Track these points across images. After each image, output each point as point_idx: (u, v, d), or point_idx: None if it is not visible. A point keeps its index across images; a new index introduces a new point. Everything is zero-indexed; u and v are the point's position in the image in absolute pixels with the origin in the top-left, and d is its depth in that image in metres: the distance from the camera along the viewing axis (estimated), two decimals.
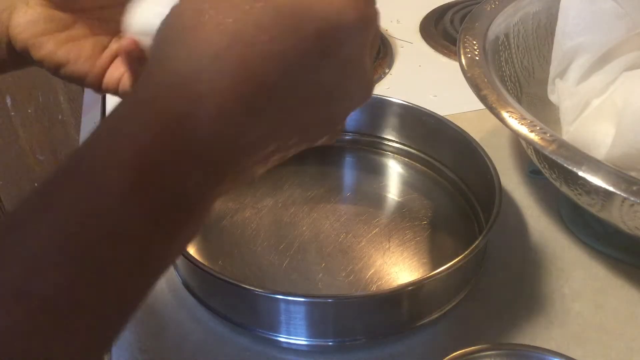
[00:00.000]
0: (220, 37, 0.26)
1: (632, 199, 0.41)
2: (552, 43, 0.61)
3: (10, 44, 0.41)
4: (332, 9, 0.27)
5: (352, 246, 0.54)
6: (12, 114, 1.33)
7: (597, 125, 0.53)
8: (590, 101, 0.56)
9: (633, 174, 0.43)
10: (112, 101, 0.76)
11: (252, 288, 0.45)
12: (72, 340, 0.24)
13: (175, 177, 0.25)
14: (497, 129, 0.68)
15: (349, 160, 0.66)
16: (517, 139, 0.66)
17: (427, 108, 0.62)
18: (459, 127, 0.59)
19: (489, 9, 0.62)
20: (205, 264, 0.47)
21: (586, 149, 0.48)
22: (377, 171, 0.63)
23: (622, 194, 0.41)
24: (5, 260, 0.23)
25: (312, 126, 0.30)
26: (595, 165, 0.43)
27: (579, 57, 0.58)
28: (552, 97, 0.61)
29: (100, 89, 0.41)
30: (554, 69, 0.60)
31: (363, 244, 0.55)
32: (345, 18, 0.27)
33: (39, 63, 0.41)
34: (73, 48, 0.41)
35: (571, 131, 0.56)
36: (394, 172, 0.63)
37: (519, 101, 0.55)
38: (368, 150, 0.65)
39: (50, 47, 0.40)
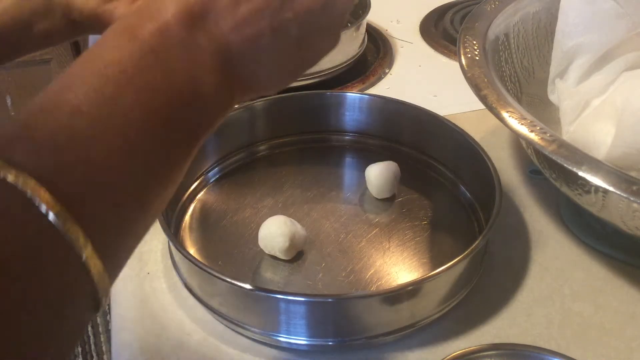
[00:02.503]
0: None
1: (632, 199, 0.41)
2: (552, 43, 0.61)
3: (66, 15, 0.41)
4: None
5: (352, 246, 0.54)
6: (12, 114, 1.34)
7: (597, 125, 0.53)
8: (590, 101, 0.56)
9: (633, 174, 0.43)
10: None
11: (252, 288, 0.45)
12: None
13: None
14: (497, 129, 0.68)
15: (349, 160, 0.66)
16: (517, 139, 0.66)
17: (427, 108, 0.62)
18: (459, 127, 0.59)
19: (489, 9, 0.63)
20: (205, 264, 0.47)
21: (586, 149, 0.48)
22: None
23: (622, 194, 0.41)
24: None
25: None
26: (595, 165, 0.43)
27: (579, 57, 0.58)
28: (552, 97, 0.61)
29: None
30: (554, 69, 0.60)
31: (363, 244, 0.55)
32: None
33: None
34: None
35: (571, 131, 0.56)
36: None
37: (519, 101, 0.55)
38: (368, 150, 0.65)
39: (122, 12, 0.40)
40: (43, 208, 0.22)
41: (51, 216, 0.22)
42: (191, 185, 0.60)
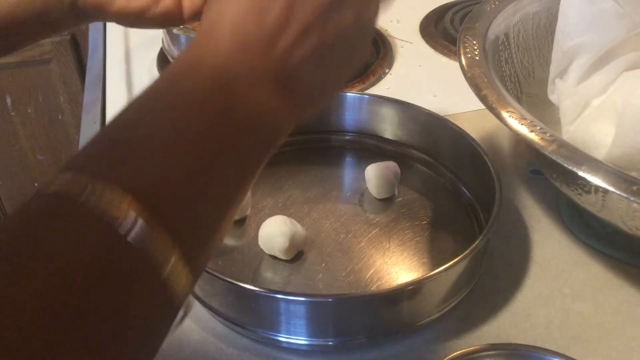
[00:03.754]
0: None
1: (632, 198, 0.41)
2: (552, 43, 0.61)
3: (73, 4, 0.43)
4: None
5: (352, 246, 0.54)
6: (12, 114, 1.33)
7: (597, 125, 0.53)
8: (590, 101, 0.56)
9: (633, 174, 0.43)
10: (112, 101, 0.76)
11: (252, 288, 0.45)
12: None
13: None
14: (497, 129, 0.68)
15: (349, 160, 0.66)
16: (517, 139, 0.66)
17: (427, 108, 0.62)
18: (459, 127, 0.59)
19: (489, 9, 0.63)
20: None
21: (586, 149, 0.48)
22: None
23: (622, 194, 0.41)
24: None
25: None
26: (595, 165, 0.43)
27: (579, 57, 0.58)
28: (552, 97, 0.61)
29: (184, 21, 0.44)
30: (554, 69, 0.60)
31: (363, 244, 0.55)
32: None
33: (113, 18, 0.44)
34: None
35: (571, 131, 0.56)
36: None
37: (519, 101, 0.55)
38: (368, 150, 0.65)
39: (122, 1, 0.43)
40: (131, 218, 0.23)
41: (139, 227, 0.23)
42: None
